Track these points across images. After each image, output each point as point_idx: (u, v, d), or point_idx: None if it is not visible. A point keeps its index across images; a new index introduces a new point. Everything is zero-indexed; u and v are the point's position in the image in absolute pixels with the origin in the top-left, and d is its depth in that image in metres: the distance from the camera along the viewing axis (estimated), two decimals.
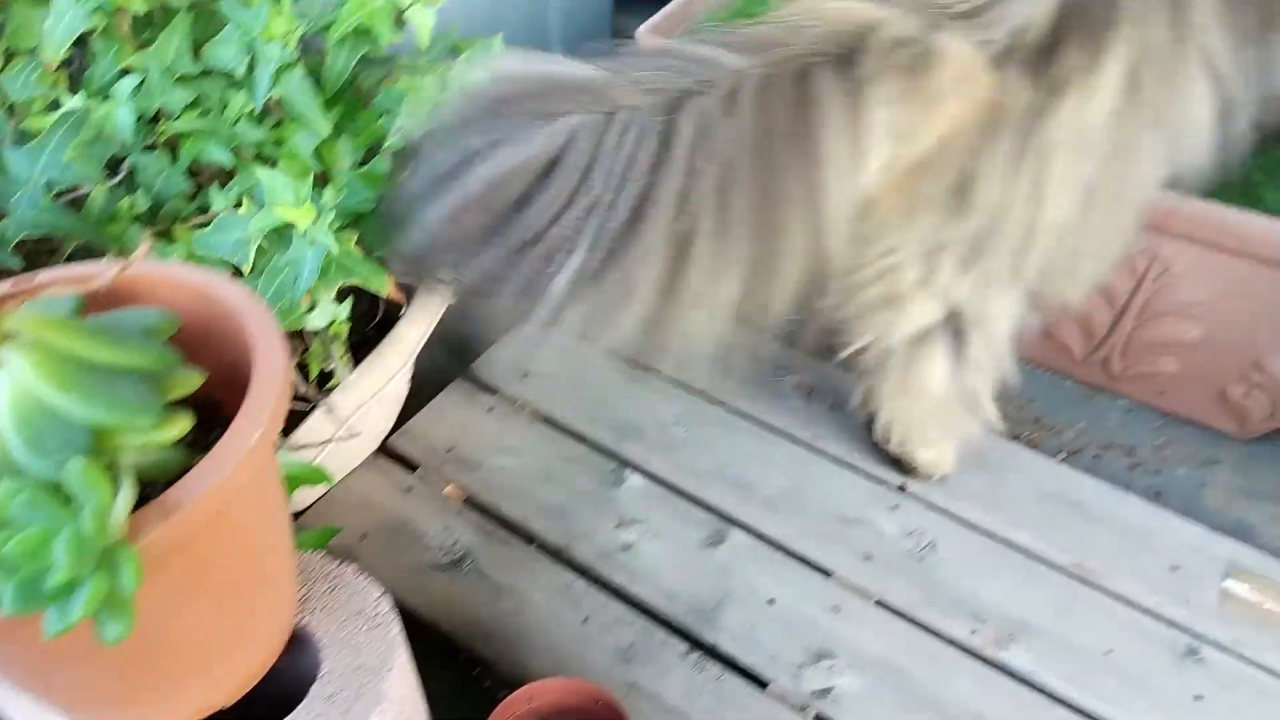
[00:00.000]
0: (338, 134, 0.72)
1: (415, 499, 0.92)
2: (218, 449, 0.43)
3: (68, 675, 0.46)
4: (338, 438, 0.79)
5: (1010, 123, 0.64)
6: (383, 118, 0.73)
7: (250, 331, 0.47)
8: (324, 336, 0.74)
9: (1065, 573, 0.86)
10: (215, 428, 0.55)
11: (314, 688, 0.56)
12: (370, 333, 0.89)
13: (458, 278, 0.66)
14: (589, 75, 0.65)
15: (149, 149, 0.69)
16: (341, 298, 0.70)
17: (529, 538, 0.90)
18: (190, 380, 0.45)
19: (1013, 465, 0.95)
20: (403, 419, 0.99)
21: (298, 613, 0.60)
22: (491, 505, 0.92)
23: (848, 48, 0.64)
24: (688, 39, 0.71)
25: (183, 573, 0.45)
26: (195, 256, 0.62)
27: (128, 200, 0.65)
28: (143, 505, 0.42)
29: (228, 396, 0.53)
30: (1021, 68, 0.64)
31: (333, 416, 0.81)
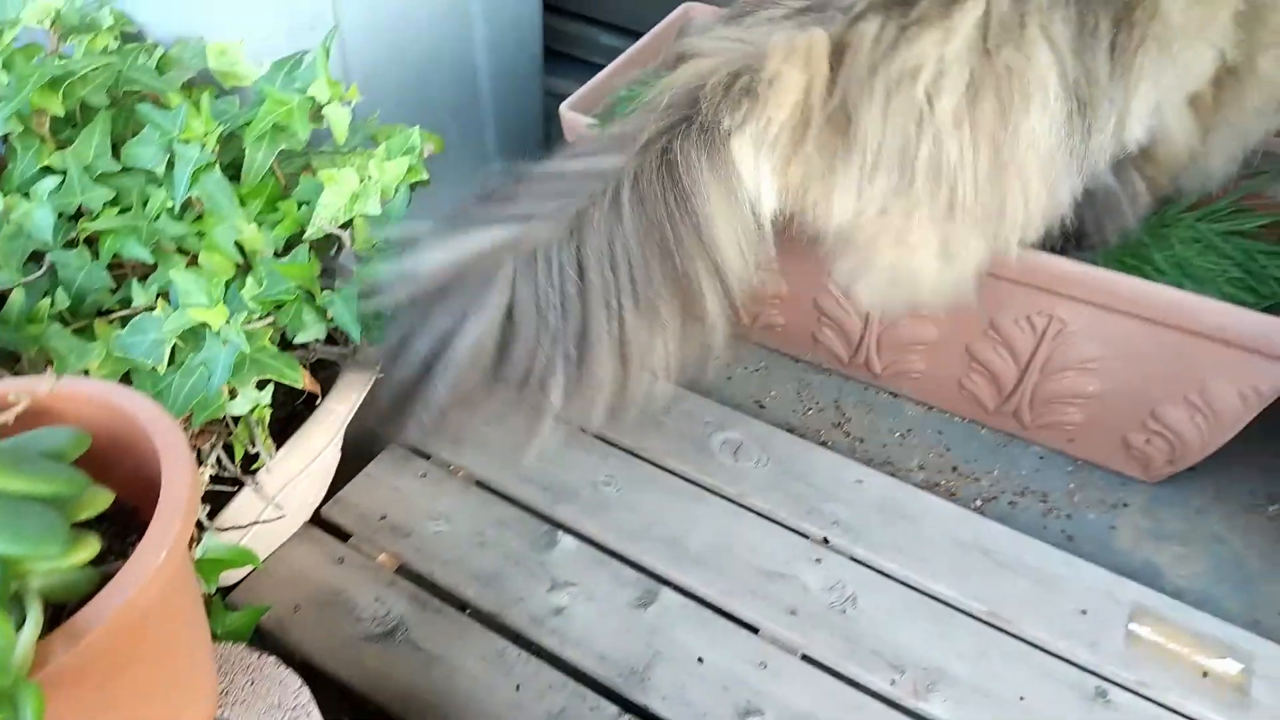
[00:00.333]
0: (259, 224, 0.74)
1: (347, 569, 0.93)
2: (126, 570, 0.45)
3: None
4: (265, 518, 0.80)
5: (872, 54, 0.75)
6: (303, 207, 0.75)
7: (158, 446, 0.49)
8: (247, 420, 0.75)
9: (980, 620, 0.90)
10: (131, 532, 0.57)
11: None
12: (299, 406, 0.90)
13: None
14: (502, 235, 0.76)
15: (69, 245, 0.71)
16: (262, 385, 0.72)
17: (462, 605, 0.91)
18: (99, 500, 0.47)
19: (930, 515, 0.99)
20: (335, 486, 1.00)
21: (219, 706, 0.61)
22: (424, 573, 0.93)
23: (692, 105, 0.76)
24: (567, 153, 0.81)
25: (95, 689, 0.47)
26: (113, 356, 0.64)
27: (47, 301, 0.66)
28: (53, 628, 0.44)
29: (142, 501, 0.55)
30: (881, 14, 0.76)
31: (260, 494, 0.82)
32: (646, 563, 0.94)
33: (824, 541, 0.97)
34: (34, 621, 0.41)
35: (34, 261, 0.73)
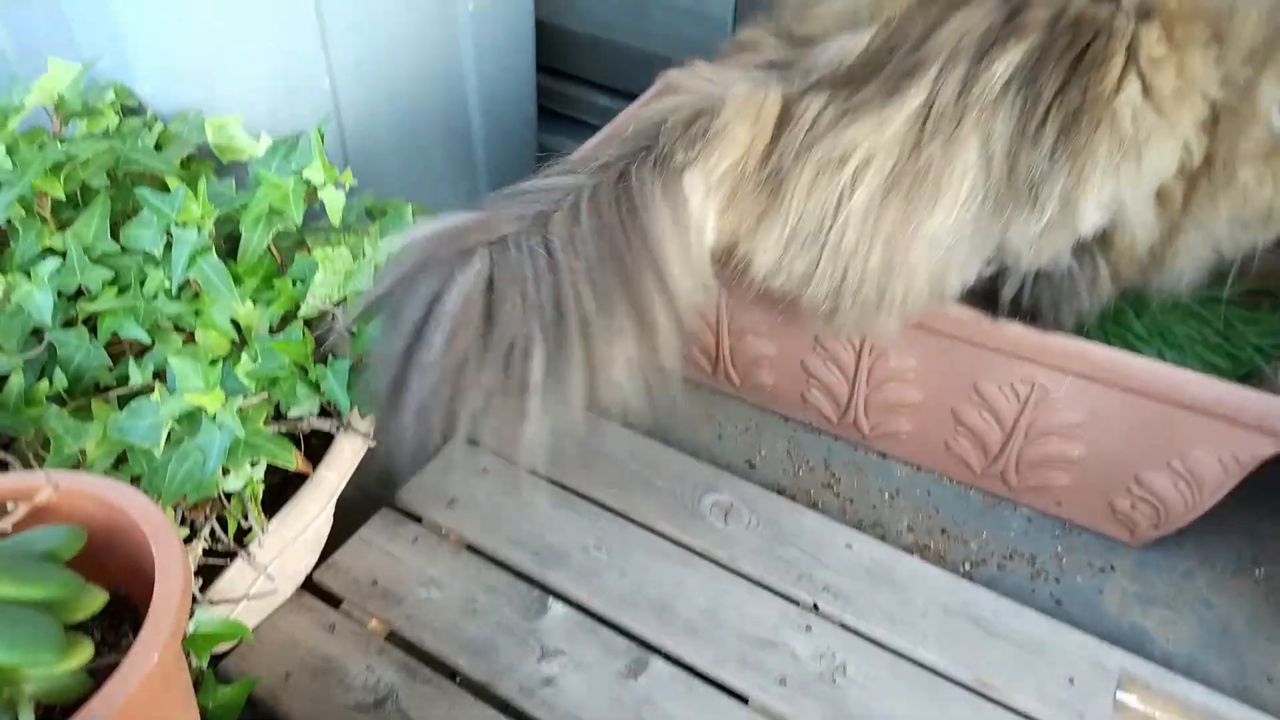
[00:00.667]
0: (255, 301, 0.75)
1: (338, 637, 0.93)
2: (119, 674, 0.45)
3: None
4: (257, 590, 0.80)
5: (813, 131, 0.81)
6: (298, 284, 0.76)
7: (151, 543, 0.50)
8: (241, 496, 0.76)
9: (968, 689, 0.90)
10: (124, 621, 0.57)
11: None
12: (293, 472, 0.91)
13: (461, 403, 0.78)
14: (473, 218, 0.81)
15: (68, 325, 0.72)
16: (255, 461, 0.73)
17: (452, 674, 0.91)
18: (93, 601, 0.48)
19: (918, 580, 1.00)
20: (328, 549, 1.00)
21: None
22: (415, 641, 0.93)
23: (653, 137, 0.84)
24: (531, 176, 0.87)
25: None
26: (110, 438, 0.65)
27: (45, 382, 0.68)
28: None
29: (135, 587, 0.56)
30: (829, 91, 0.82)
31: (253, 565, 0.82)
32: (636, 630, 0.94)
33: (814, 608, 0.97)
34: None
35: (33, 336, 0.75)
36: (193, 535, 0.77)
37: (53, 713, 0.46)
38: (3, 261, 0.72)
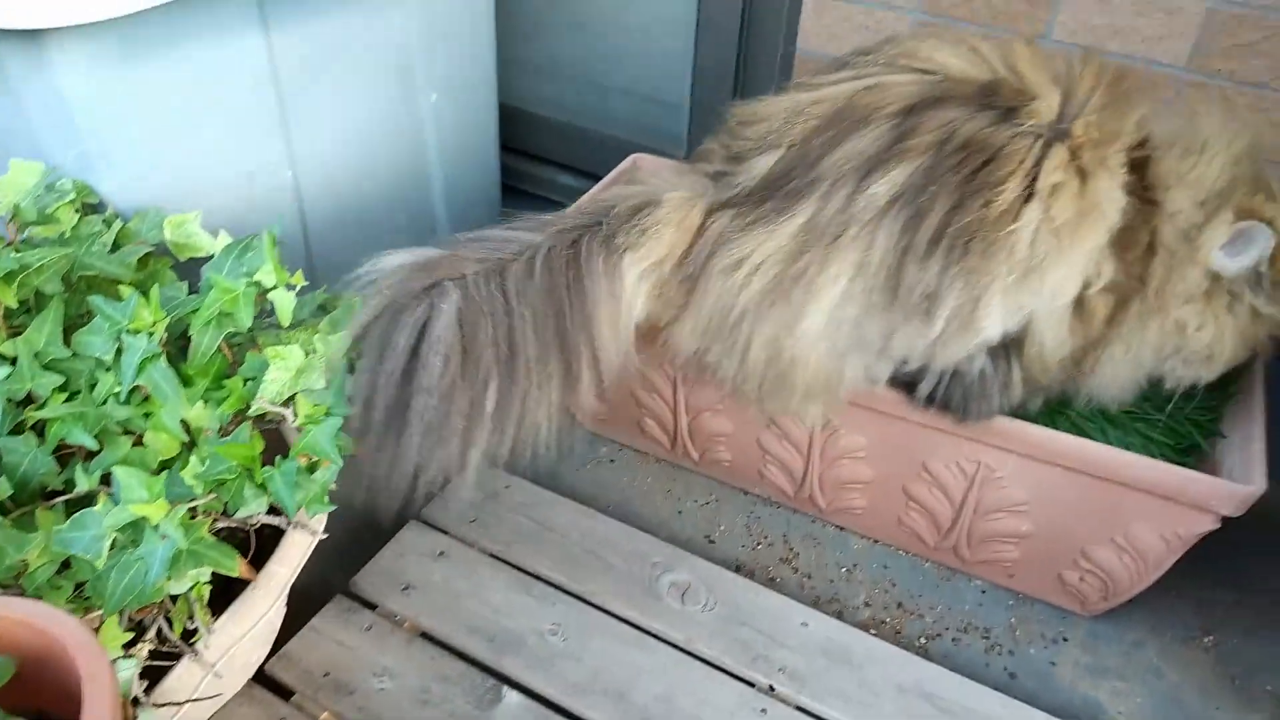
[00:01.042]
0: (205, 401, 0.76)
1: None
2: None
3: None
4: (203, 692, 0.80)
5: (719, 240, 0.90)
6: (249, 383, 0.78)
7: (80, 672, 0.50)
8: (186, 597, 0.76)
9: None
10: None
11: None
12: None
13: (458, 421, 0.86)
14: (440, 254, 0.90)
15: (16, 431, 0.73)
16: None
17: None
18: None
19: (873, 659, 1.00)
20: (281, 639, 1.00)
21: None
22: None
23: (600, 217, 0.93)
24: (498, 226, 0.96)
25: None
26: (51, 549, 0.65)
27: None
28: None
29: (67, 710, 0.56)
30: (737, 206, 0.91)
31: (200, 663, 0.82)
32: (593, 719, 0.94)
33: (770, 690, 0.98)
34: None
35: None
36: (139, 636, 0.76)
37: None
38: None
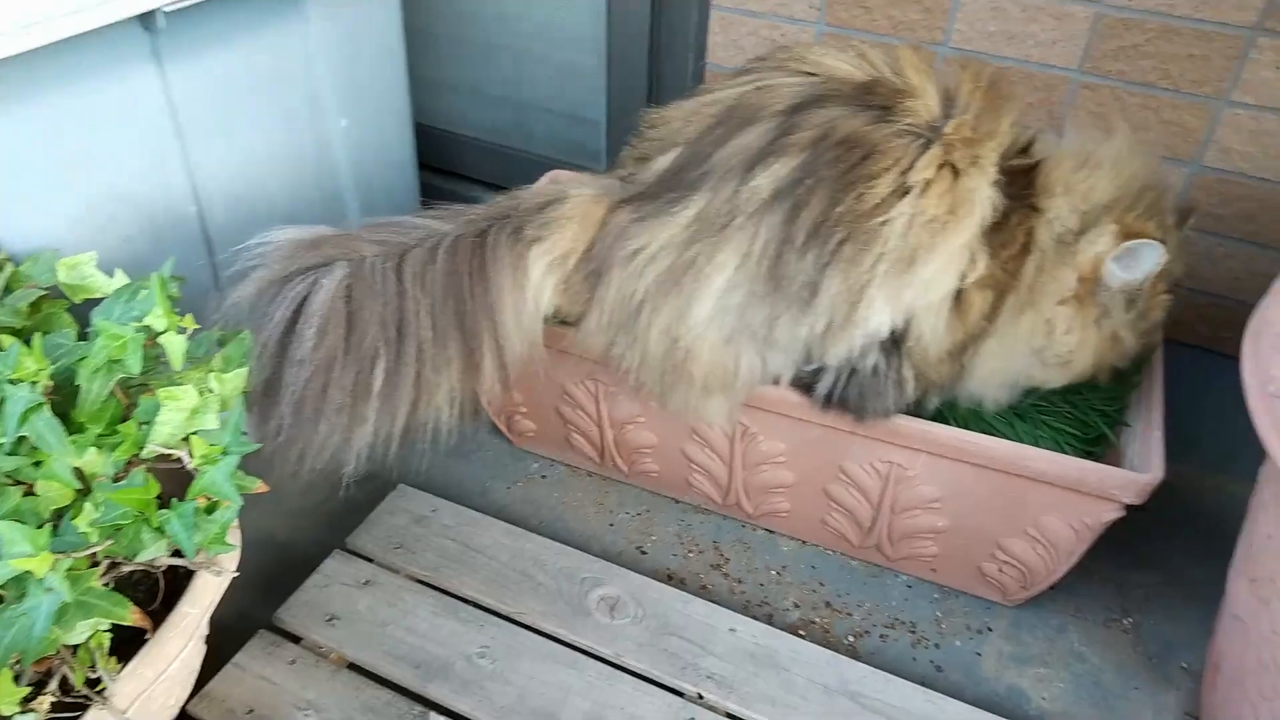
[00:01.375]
0: (99, 447, 0.75)
1: None
2: None
3: None
4: None
5: (619, 233, 0.93)
6: (143, 426, 0.77)
7: None
8: (87, 646, 0.75)
9: None
10: None
11: None
12: (157, 607, 0.90)
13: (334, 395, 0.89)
14: (336, 231, 0.93)
15: None
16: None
17: None
18: None
19: (799, 661, 1.02)
20: (204, 677, 0.98)
21: None
22: None
23: (507, 212, 0.97)
24: (411, 212, 0.99)
25: None
26: None
27: None
28: None
29: None
30: (636, 202, 0.94)
31: (110, 710, 0.81)
32: None
33: (699, 698, 0.98)
34: None
35: None
36: (39, 689, 0.75)
37: None
38: None
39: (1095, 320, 0.91)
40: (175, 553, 0.82)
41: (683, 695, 0.99)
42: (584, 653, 1.02)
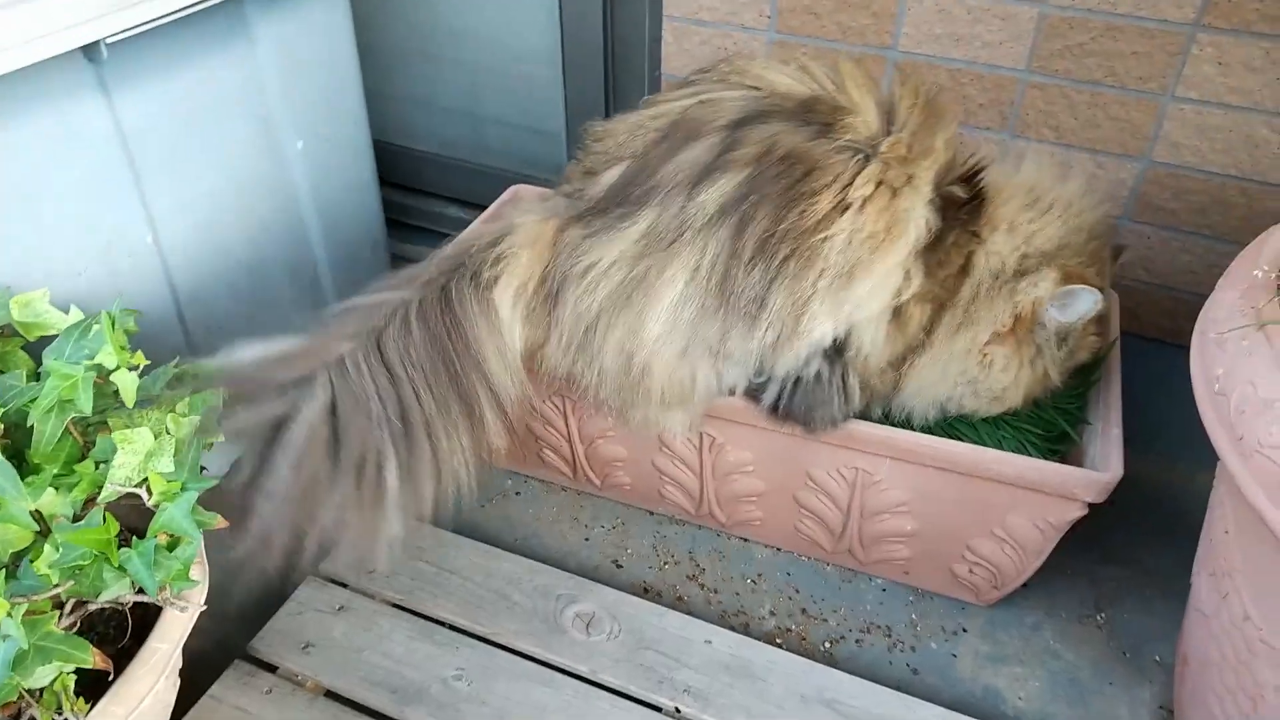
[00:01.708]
0: (56, 488, 0.74)
1: None
2: None
3: None
4: None
5: (572, 251, 0.92)
6: (101, 466, 0.76)
7: None
8: (52, 689, 0.74)
9: None
10: None
11: None
12: (128, 643, 0.89)
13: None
14: (303, 342, 0.90)
15: None
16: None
17: None
18: None
19: (775, 670, 1.02)
20: (179, 711, 0.98)
21: None
22: None
23: (460, 259, 0.96)
24: (360, 293, 0.96)
25: None
26: None
27: None
28: None
29: None
30: (586, 219, 0.93)
31: None
32: None
33: (676, 712, 0.99)
34: None
35: None
36: None
37: None
38: None
39: (1030, 360, 0.94)
40: (141, 589, 0.81)
41: (660, 710, 0.99)
42: (560, 671, 1.02)
